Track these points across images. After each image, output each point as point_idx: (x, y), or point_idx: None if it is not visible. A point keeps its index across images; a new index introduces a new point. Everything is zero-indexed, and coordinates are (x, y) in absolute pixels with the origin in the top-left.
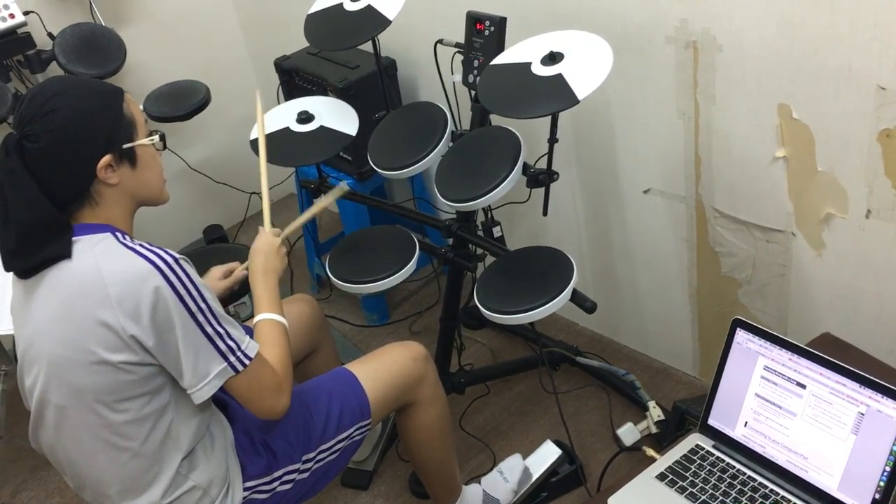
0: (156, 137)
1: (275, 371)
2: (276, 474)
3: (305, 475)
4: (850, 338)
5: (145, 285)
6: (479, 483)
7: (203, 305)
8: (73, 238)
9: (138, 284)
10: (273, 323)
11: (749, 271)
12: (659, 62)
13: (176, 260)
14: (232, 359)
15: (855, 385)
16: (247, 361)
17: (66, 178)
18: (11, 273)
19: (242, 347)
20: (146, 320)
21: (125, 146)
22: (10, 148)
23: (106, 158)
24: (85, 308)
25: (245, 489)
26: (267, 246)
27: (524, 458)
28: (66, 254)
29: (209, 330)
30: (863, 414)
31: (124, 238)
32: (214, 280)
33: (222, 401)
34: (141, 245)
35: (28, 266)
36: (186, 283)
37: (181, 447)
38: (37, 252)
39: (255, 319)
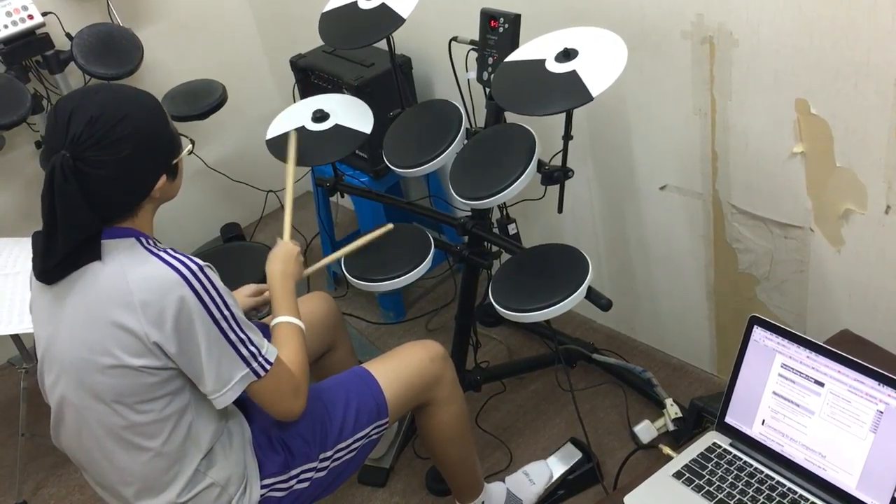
0: (190, 146)
1: (292, 374)
2: (294, 472)
3: (322, 473)
4: (869, 335)
5: (170, 294)
6: (503, 482)
7: (227, 312)
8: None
9: (163, 293)
10: (291, 326)
11: (767, 268)
12: (675, 58)
13: (201, 268)
14: (254, 364)
15: (874, 383)
16: (267, 367)
17: (125, 201)
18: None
19: (263, 353)
20: (169, 328)
21: (174, 162)
22: (67, 172)
23: (162, 180)
24: (109, 313)
25: (262, 487)
26: (286, 252)
27: (542, 456)
28: (96, 257)
29: (232, 336)
30: (882, 412)
31: (149, 243)
32: (243, 296)
33: (240, 399)
34: (166, 251)
35: (61, 274)
36: (211, 290)
37: (201, 446)
38: (73, 262)
39: (273, 322)
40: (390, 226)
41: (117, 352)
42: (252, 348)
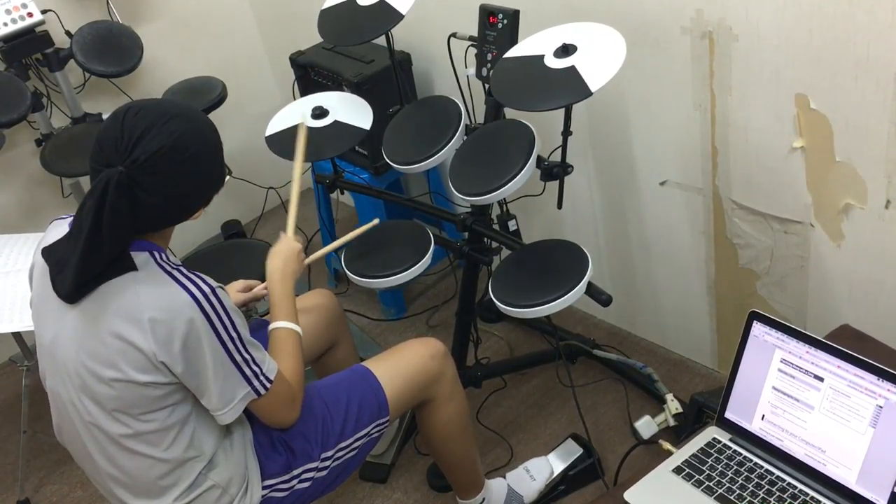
0: (228, 177)
1: (290, 387)
2: (295, 472)
3: (324, 473)
4: (869, 329)
5: (181, 316)
6: (504, 478)
7: (234, 334)
8: None
9: (174, 314)
10: (289, 332)
11: (767, 263)
12: (674, 53)
13: (213, 290)
14: (256, 383)
15: (873, 378)
16: (268, 385)
17: (161, 224)
18: (31, 267)
19: (264, 370)
20: (177, 349)
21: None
22: (122, 190)
23: (199, 212)
24: (117, 327)
25: (264, 487)
26: (287, 250)
27: (543, 452)
28: (131, 268)
29: (238, 358)
30: (881, 407)
31: (162, 258)
32: (234, 291)
33: None
34: (179, 270)
35: (90, 289)
36: (221, 313)
37: (205, 453)
38: (110, 271)
39: (272, 326)
40: (377, 221)
41: (124, 366)
42: (255, 367)
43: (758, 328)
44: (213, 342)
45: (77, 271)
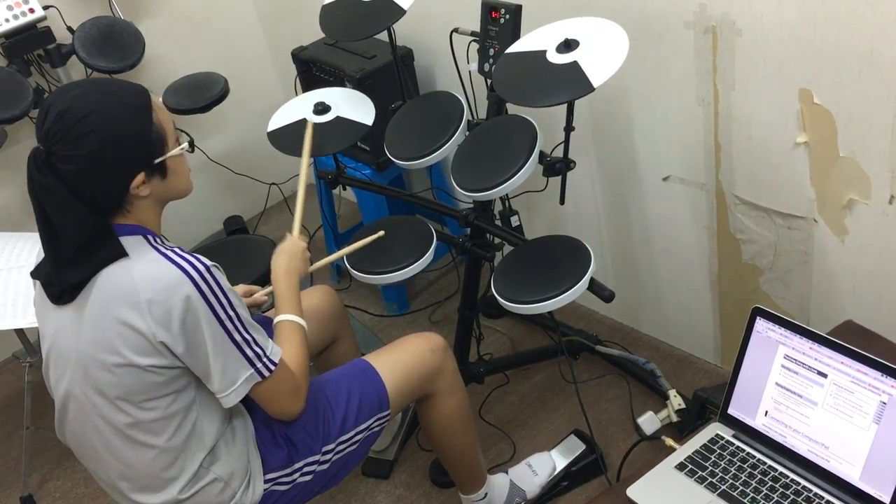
0: (185, 145)
1: (293, 375)
2: (297, 466)
3: (325, 466)
4: (873, 325)
5: (177, 294)
6: (507, 473)
7: (232, 313)
8: None
9: (170, 292)
10: (293, 325)
11: (770, 258)
12: (677, 48)
13: (207, 268)
14: (259, 365)
15: (877, 374)
16: (272, 367)
17: (100, 195)
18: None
19: (267, 353)
20: (176, 328)
21: (157, 161)
22: (41, 165)
23: (139, 178)
24: (116, 311)
25: (266, 481)
26: (292, 247)
27: (546, 448)
28: (122, 254)
29: (237, 337)
30: (885, 403)
31: (156, 241)
32: None
33: None
34: (173, 251)
35: (84, 277)
36: (217, 291)
37: (206, 443)
38: (91, 259)
39: (277, 319)
40: (382, 233)
41: (124, 351)
42: (257, 349)
43: (761, 324)
44: (211, 320)
45: (51, 265)
